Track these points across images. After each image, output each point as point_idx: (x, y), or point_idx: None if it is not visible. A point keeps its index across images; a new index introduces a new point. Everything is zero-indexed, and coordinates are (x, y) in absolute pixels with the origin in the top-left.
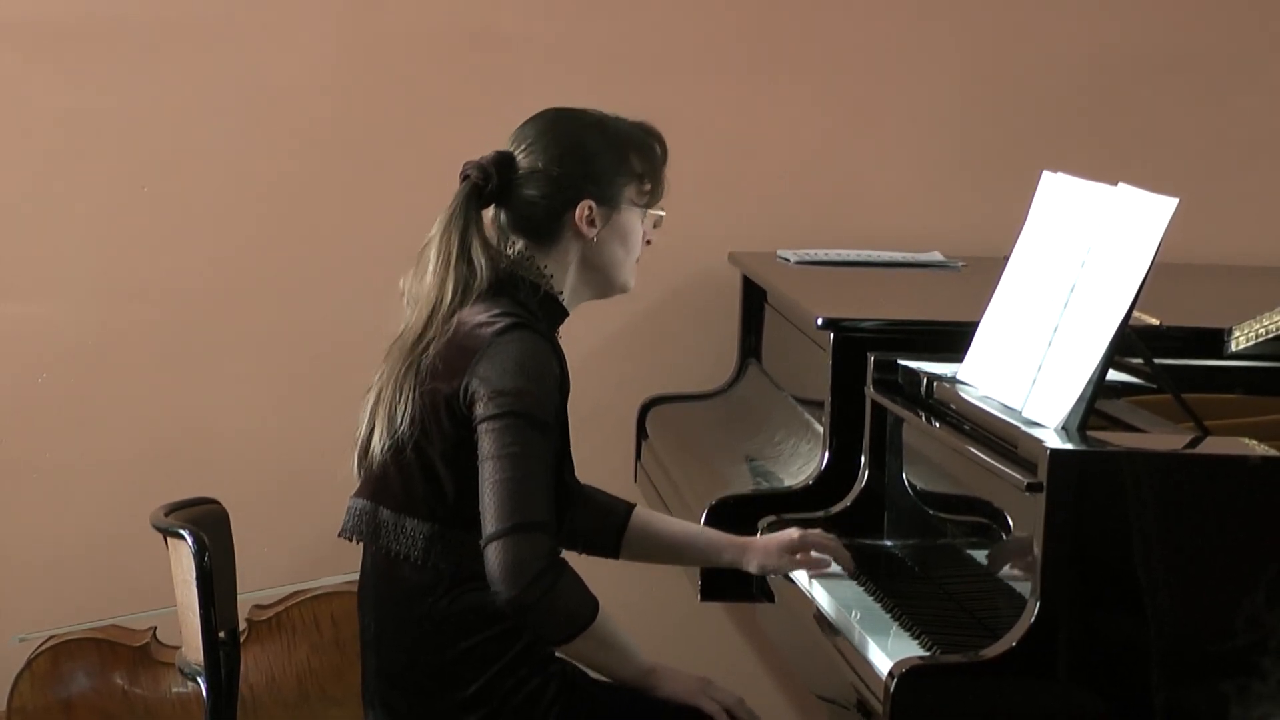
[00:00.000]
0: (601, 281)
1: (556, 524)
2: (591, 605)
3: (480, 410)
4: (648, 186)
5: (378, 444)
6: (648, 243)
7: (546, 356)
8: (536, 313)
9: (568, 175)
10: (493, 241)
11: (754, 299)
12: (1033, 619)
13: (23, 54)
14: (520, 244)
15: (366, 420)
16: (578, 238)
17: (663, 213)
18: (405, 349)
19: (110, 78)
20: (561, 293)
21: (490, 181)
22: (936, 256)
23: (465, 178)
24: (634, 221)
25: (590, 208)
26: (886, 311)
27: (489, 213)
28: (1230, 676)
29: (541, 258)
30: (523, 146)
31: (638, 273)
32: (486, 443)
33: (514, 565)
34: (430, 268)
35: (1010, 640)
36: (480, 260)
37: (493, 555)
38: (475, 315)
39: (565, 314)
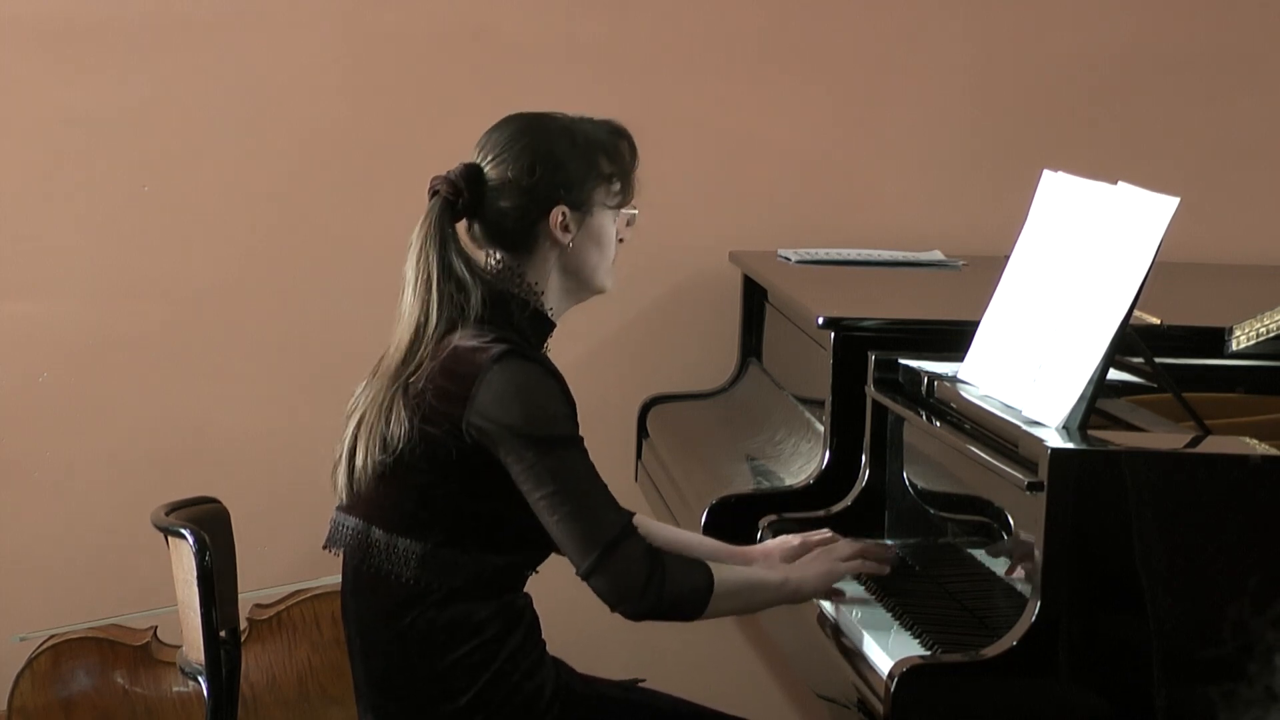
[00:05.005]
0: (580, 286)
1: (625, 513)
2: (703, 572)
3: (505, 455)
4: (617, 187)
5: (364, 464)
6: (620, 241)
7: (543, 377)
8: (526, 332)
9: (539, 184)
10: (473, 255)
11: (754, 298)
12: (1033, 618)
13: (23, 53)
14: (498, 255)
15: (349, 440)
16: (554, 245)
17: (635, 211)
18: (390, 372)
19: (110, 77)
20: (551, 307)
21: (461, 196)
22: (937, 256)
23: (435, 193)
24: (607, 223)
25: (564, 214)
26: (887, 311)
27: (462, 224)
28: (1231, 676)
29: (522, 268)
30: (490, 157)
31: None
32: (529, 484)
33: (620, 587)
34: (410, 288)
35: (1011, 639)
36: (467, 277)
37: (597, 586)
38: (468, 340)
39: (552, 327)
